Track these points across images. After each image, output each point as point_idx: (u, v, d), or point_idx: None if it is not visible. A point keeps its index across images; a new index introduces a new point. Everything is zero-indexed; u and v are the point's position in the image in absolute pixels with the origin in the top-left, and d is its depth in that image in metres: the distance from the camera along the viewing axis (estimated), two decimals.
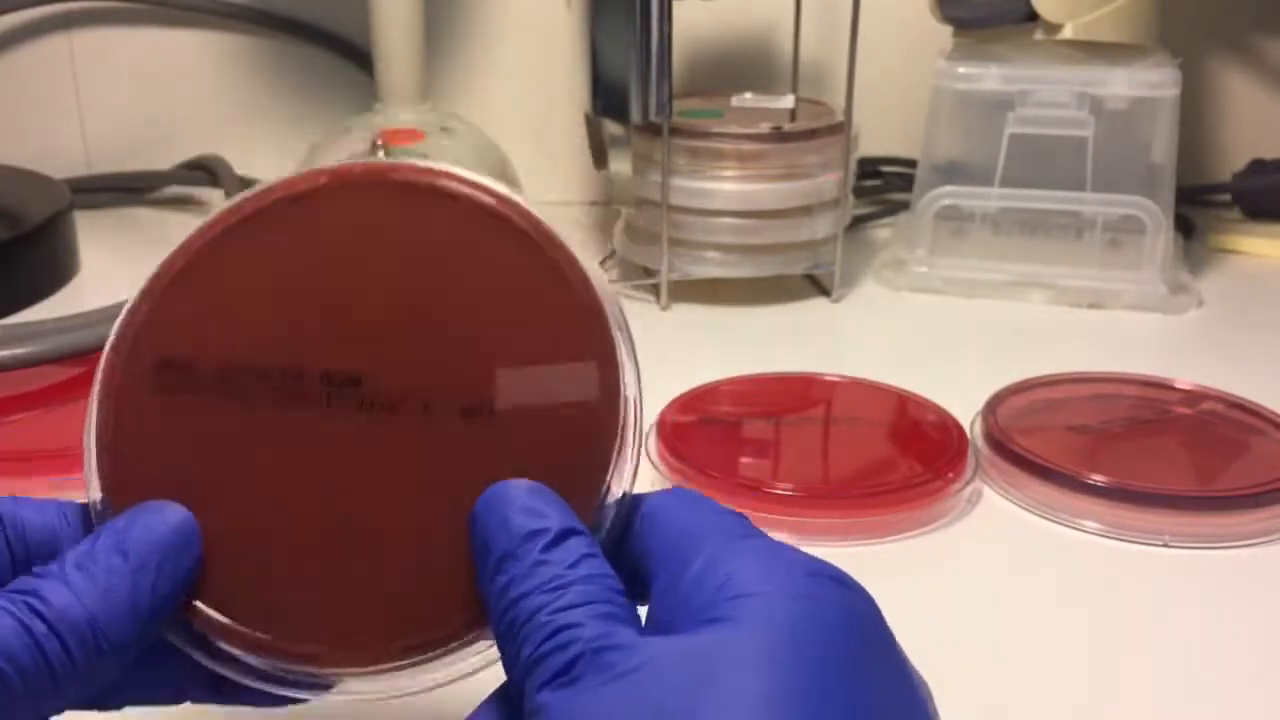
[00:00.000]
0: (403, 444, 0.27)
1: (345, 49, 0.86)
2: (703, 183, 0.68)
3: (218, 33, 0.87)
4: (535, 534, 0.25)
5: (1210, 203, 0.85)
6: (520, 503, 0.26)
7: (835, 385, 0.57)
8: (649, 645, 0.23)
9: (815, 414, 0.56)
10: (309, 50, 0.87)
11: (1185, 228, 0.79)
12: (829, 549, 0.46)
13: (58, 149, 0.87)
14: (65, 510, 0.28)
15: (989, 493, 0.50)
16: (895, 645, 0.24)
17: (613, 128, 0.68)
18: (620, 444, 0.28)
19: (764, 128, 0.68)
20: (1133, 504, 0.47)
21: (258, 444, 0.27)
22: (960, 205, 0.72)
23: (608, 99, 0.67)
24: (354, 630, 0.27)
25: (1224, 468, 0.51)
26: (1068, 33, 0.76)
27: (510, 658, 0.24)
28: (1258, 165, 0.83)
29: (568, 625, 0.23)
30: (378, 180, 0.28)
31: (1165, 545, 0.46)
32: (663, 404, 0.54)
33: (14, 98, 0.87)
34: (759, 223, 0.69)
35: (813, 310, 0.71)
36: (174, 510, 0.27)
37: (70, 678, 0.24)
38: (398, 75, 0.76)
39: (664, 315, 0.69)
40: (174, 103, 0.88)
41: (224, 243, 0.28)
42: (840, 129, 0.69)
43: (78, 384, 0.56)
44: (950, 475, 0.48)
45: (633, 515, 0.28)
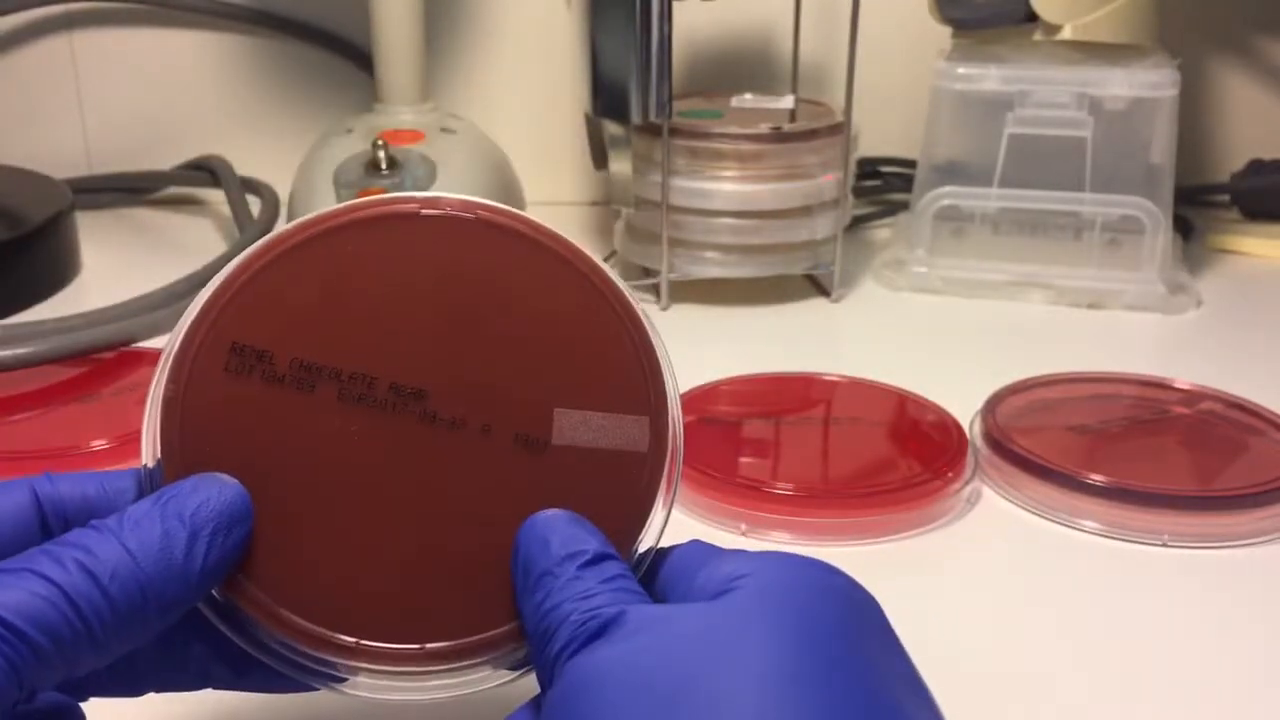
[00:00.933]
0: (456, 461, 0.29)
1: (345, 49, 0.86)
2: (703, 183, 0.68)
3: (218, 33, 0.87)
4: (574, 555, 0.27)
5: (1209, 203, 0.86)
6: (561, 529, 0.28)
7: (835, 385, 0.57)
8: (665, 609, 0.24)
9: (815, 414, 0.56)
10: (309, 50, 0.87)
11: (1184, 228, 0.79)
12: (829, 549, 0.46)
13: (59, 149, 0.87)
14: (105, 481, 0.29)
15: (988, 492, 0.50)
16: (893, 632, 0.25)
17: (613, 128, 0.68)
18: (661, 495, 0.29)
19: (764, 128, 0.68)
20: (1132, 504, 0.47)
21: (317, 437, 0.28)
22: (960, 205, 0.72)
23: (608, 99, 0.67)
24: (385, 629, 0.28)
25: (1223, 468, 0.51)
26: (1067, 33, 0.76)
27: (542, 660, 0.25)
28: (1256, 165, 0.84)
29: (596, 612, 0.25)
30: (466, 213, 0.30)
31: (1164, 545, 0.46)
32: None
33: (15, 98, 0.87)
34: (759, 223, 0.69)
35: (813, 310, 0.71)
36: (231, 484, 0.27)
37: (112, 633, 0.24)
38: (398, 75, 0.76)
39: (664, 315, 0.69)
40: (175, 103, 0.88)
41: (316, 245, 0.29)
42: (840, 129, 0.69)
43: (78, 384, 0.56)
44: (950, 475, 0.49)
45: (655, 565, 0.29)
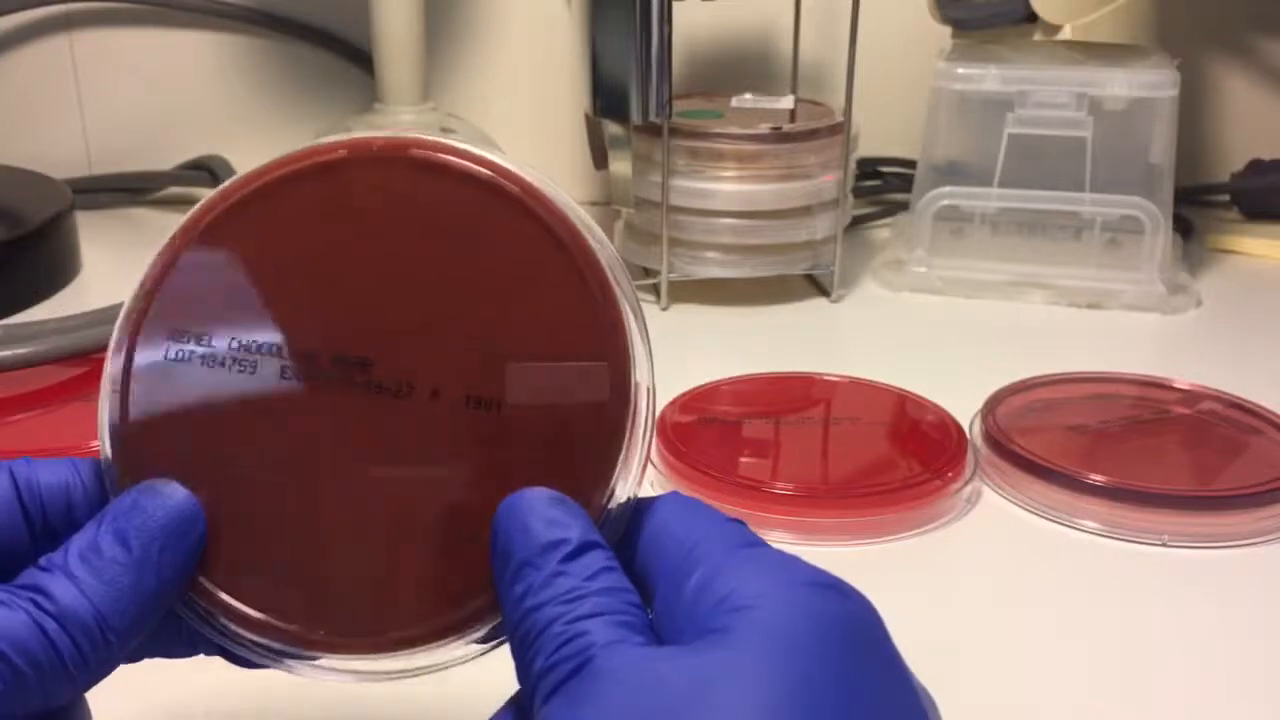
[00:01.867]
0: (409, 430, 0.27)
1: (345, 49, 0.86)
2: (703, 183, 0.68)
3: (218, 33, 0.87)
4: (556, 544, 0.25)
5: (1209, 203, 0.86)
6: (542, 511, 0.26)
7: (835, 385, 0.57)
8: (652, 656, 0.23)
9: (815, 414, 0.56)
10: (309, 50, 0.87)
11: (1184, 228, 0.79)
12: (829, 549, 0.46)
13: (59, 149, 0.87)
14: (79, 466, 0.28)
15: (988, 492, 0.50)
16: (896, 655, 0.24)
17: (613, 128, 0.68)
18: (629, 444, 0.27)
19: (764, 128, 0.68)
20: (1132, 503, 0.47)
21: (265, 420, 0.27)
22: (959, 205, 0.72)
23: (608, 99, 0.67)
24: (350, 617, 0.27)
25: (1223, 467, 0.51)
26: (1067, 33, 0.76)
27: (523, 667, 0.24)
28: (1256, 165, 0.84)
29: (580, 634, 0.23)
30: (396, 156, 0.28)
31: (1164, 545, 0.46)
32: (663, 404, 0.54)
33: (15, 98, 0.87)
34: (759, 223, 0.69)
35: (813, 310, 0.71)
36: (174, 492, 0.27)
37: (82, 670, 0.24)
38: (398, 75, 0.76)
39: (664, 315, 0.69)
40: (174, 103, 0.88)
41: (244, 212, 0.28)
42: (840, 129, 0.69)
43: (78, 384, 0.56)
44: (949, 475, 0.49)
45: (633, 523, 0.27)
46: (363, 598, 0.27)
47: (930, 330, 0.69)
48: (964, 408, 0.54)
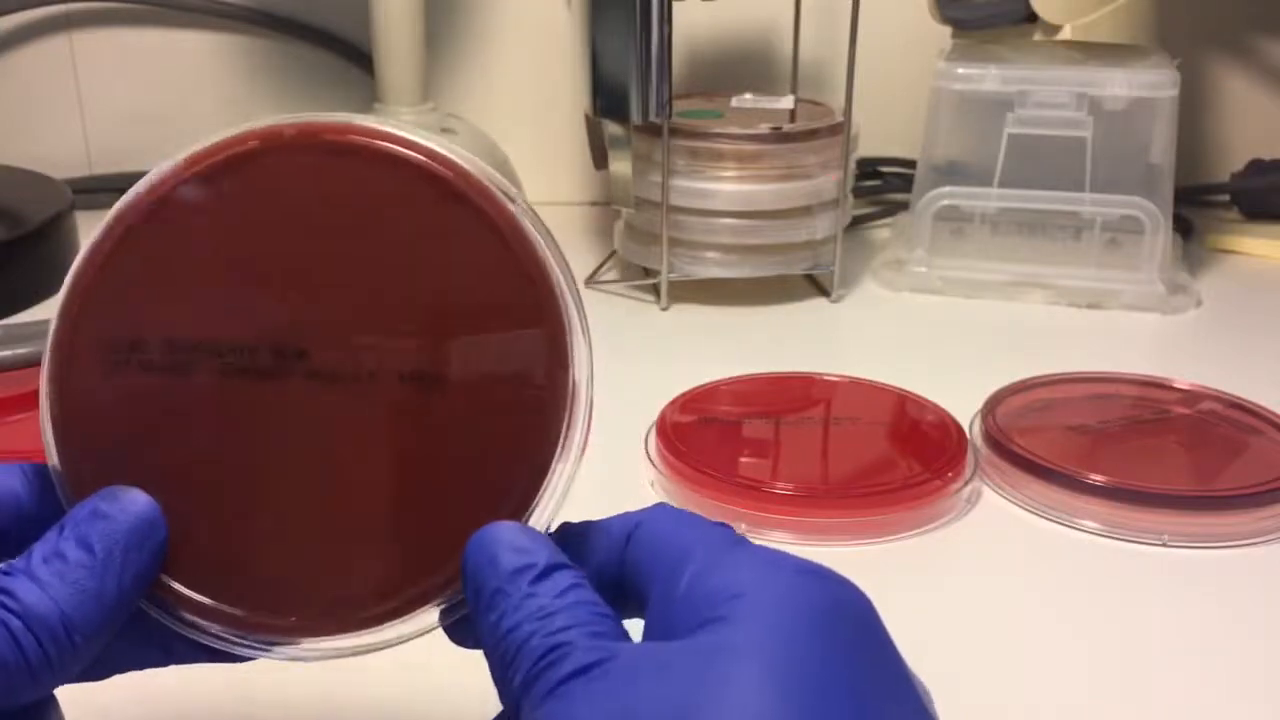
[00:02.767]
0: (351, 414, 0.27)
1: (345, 49, 0.86)
2: (703, 183, 0.69)
3: (218, 33, 0.87)
4: (523, 569, 0.25)
5: (1209, 203, 0.86)
6: (507, 542, 0.26)
7: (835, 385, 0.57)
8: (643, 649, 0.23)
9: (815, 414, 0.56)
10: (309, 50, 0.87)
11: (1184, 228, 0.79)
12: (829, 549, 0.46)
13: (59, 149, 0.87)
14: (27, 471, 0.28)
15: (988, 492, 0.50)
16: (890, 640, 0.24)
17: (613, 128, 0.68)
18: (570, 414, 0.27)
19: (764, 128, 0.68)
20: (1131, 504, 0.47)
21: (211, 419, 0.27)
22: (959, 206, 0.72)
23: (608, 99, 0.67)
24: (317, 602, 0.27)
25: (1222, 467, 0.51)
26: (1067, 33, 0.76)
27: (505, 688, 0.24)
28: (1256, 165, 0.84)
29: (558, 645, 0.23)
30: (308, 143, 0.27)
31: (1164, 545, 0.46)
32: (663, 404, 0.54)
33: (15, 98, 0.87)
34: (759, 223, 0.69)
35: (813, 310, 0.71)
36: (135, 497, 0.27)
37: (45, 670, 0.24)
38: (398, 75, 0.76)
39: (664, 315, 0.69)
40: (174, 103, 0.88)
41: (160, 211, 0.27)
42: (840, 129, 0.69)
43: None
44: (949, 475, 0.49)
45: (624, 536, 0.28)
46: (325, 581, 0.28)
47: (930, 330, 0.69)
48: (964, 408, 0.54)
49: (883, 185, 0.88)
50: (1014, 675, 0.40)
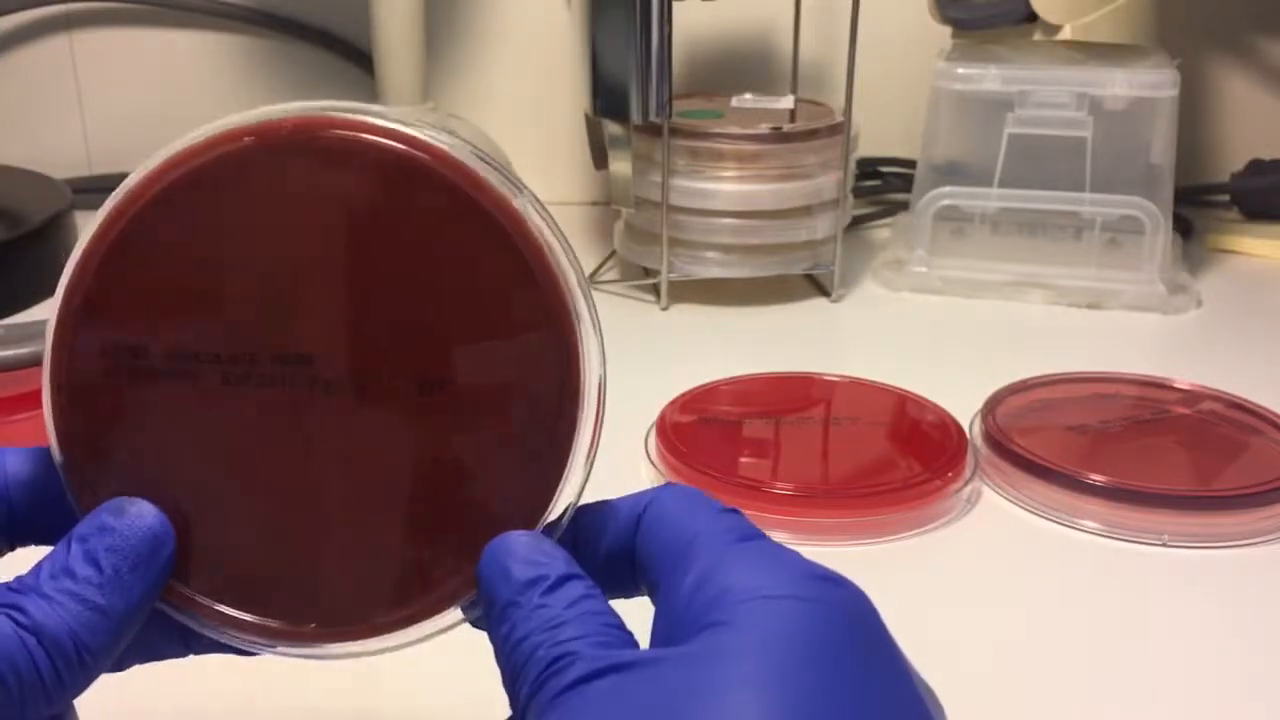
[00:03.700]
0: (357, 421, 0.26)
1: (345, 49, 0.86)
2: (703, 183, 0.69)
3: (218, 33, 0.87)
4: (535, 581, 0.25)
5: (1209, 203, 0.86)
6: (521, 554, 0.26)
7: (835, 385, 0.57)
8: (644, 657, 0.23)
9: (815, 414, 0.56)
10: (309, 50, 0.87)
11: (1184, 228, 0.79)
12: (829, 549, 0.46)
13: (59, 149, 0.87)
14: (47, 457, 0.28)
15: (988, 492, 0.50)
16: (894, 645, 0.24)
17: (613, 128, 0.68)
18: (583, 414, 0.27)
19: (764, 128, 0.68)
20: (1132, 503, 0.47)
21: (217, 427, 0.27)
22: (959, 205, 0.72)
23: (608, 99, 0.67)
24: (336, 609, 0.27)
25: (1223, 467, 0.51)
26: (1067, 33, 0.76)
27: (515, 698, 0.25)
28: (1256, 165, 0.84)
29: (564, 654, 0.24)
30: (308, 141, 0.26)
31: (1164, 545, 0.46)
32: (663, 404, 0.54)
33: (15, 98, 0.87)
34: (759, 223, 0.69)
35: (813, 310, 0.71)
36: (142, 510, 0.26)
37: (57, 687, 0.24)
38: (398, 75, 0.76)
39: (664, 315, 0.69)
40: (174, 103, 0.88)
41: (159, 208, 0.26)
42: (840, 129, 0.69)
43: None
44: (949, 475, 0.49)
45: (634, 518, 0.28)
46: (343, 590, 0.27)
47: (930, 330, 0.69)
48: (964, 408, 0.54)
49: (883, 185, 0.88)
50: (1014, 675, 0.40)
